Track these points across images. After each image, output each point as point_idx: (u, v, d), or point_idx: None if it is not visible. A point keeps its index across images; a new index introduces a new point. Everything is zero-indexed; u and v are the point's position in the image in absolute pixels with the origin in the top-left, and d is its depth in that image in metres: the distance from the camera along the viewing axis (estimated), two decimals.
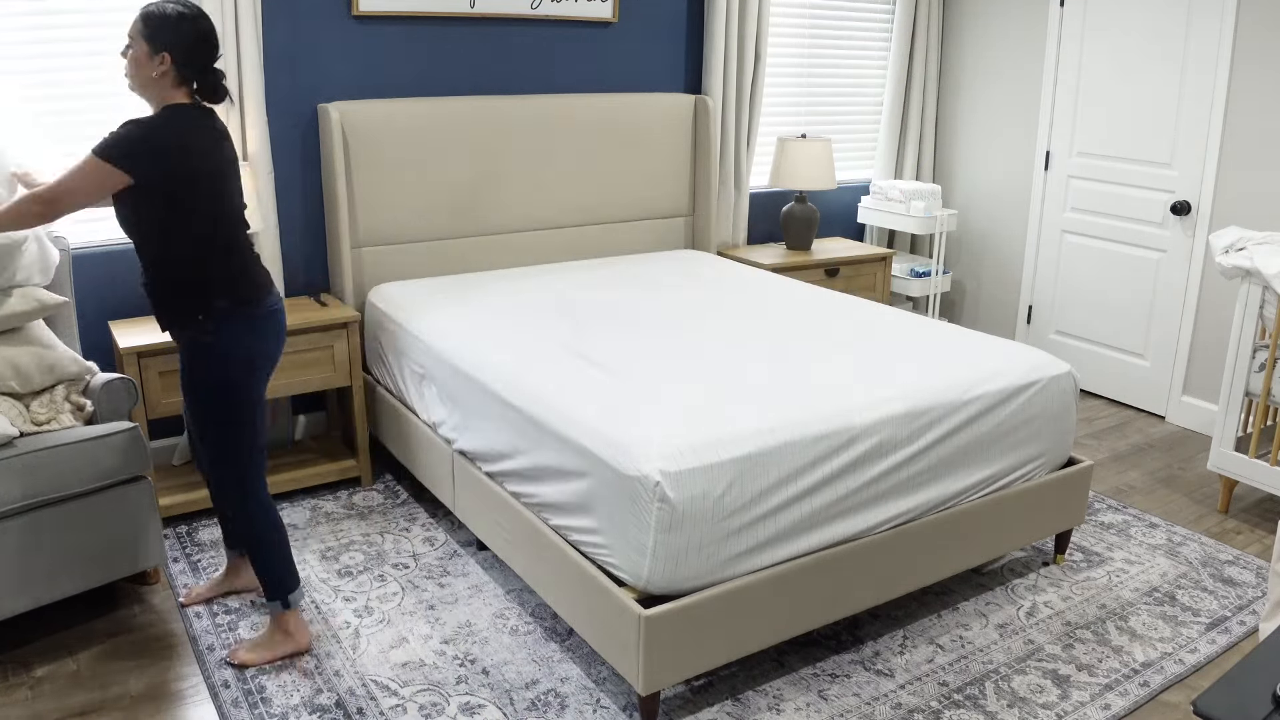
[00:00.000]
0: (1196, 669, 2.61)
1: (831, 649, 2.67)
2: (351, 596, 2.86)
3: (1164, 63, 4.21)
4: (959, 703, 2.45)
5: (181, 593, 2.85)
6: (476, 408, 2.81)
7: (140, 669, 2.53)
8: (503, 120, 3.85)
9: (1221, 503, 3.54)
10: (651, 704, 2.29)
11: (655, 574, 2.19)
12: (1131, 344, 4.50)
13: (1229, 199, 4.06)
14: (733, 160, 4.55)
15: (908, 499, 2.58)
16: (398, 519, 3.34)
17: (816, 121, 5.04)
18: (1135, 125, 4.35)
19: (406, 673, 2.52)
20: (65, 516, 2.51)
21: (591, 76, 4.18)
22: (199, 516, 3.33)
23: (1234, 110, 3.99)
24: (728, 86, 4.42)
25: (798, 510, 2.36)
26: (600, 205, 4.19)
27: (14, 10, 3.05)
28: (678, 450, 2.20)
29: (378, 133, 3.60)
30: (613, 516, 2.25)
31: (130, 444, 2.60)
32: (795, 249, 4.63)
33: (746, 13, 4.37)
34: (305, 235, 3.70)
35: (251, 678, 2.48)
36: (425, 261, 3.82)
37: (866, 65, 5.11)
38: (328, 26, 3.56)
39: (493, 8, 3.83)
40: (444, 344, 3.05)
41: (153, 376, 3.09)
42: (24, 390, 2.65)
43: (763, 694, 2.47)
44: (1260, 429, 3.39)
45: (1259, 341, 3.35)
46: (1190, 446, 4.13)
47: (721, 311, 3.34)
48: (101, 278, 3.36)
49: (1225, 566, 3.14)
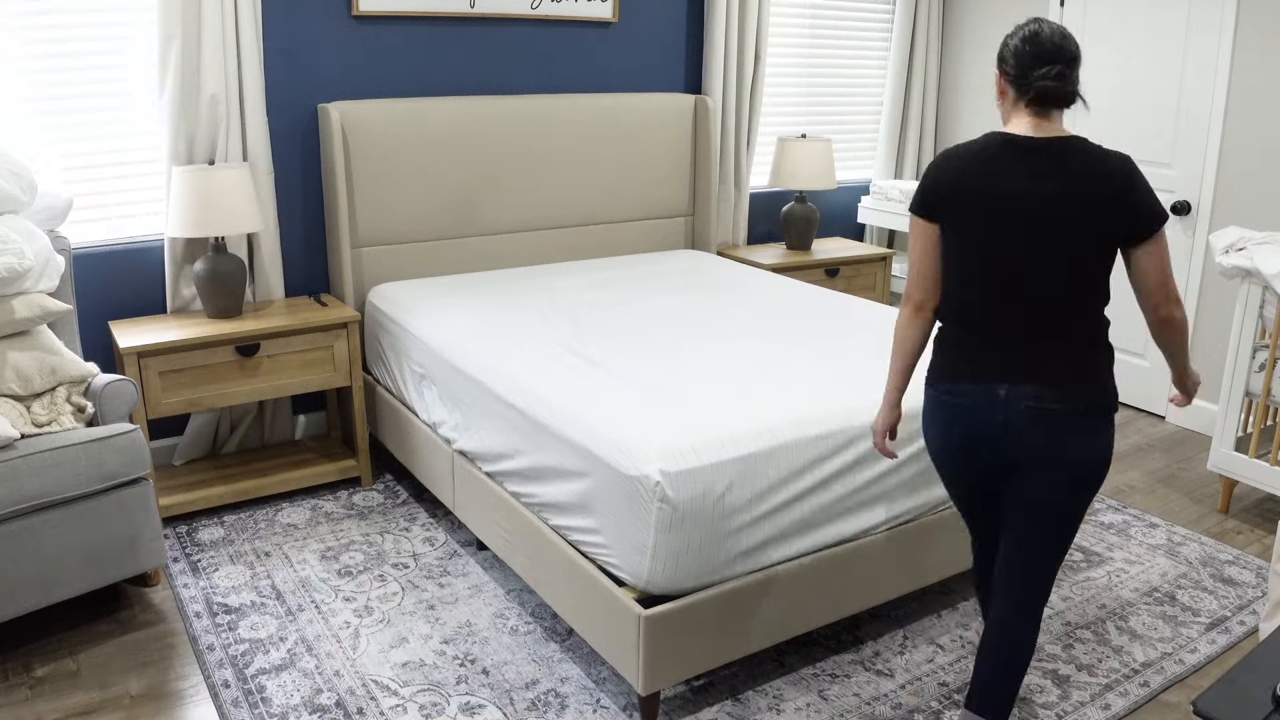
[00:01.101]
0: (1196, 669, 2.61)
1: (831, 649, 2.67)
2: (351, 596, 2.86)
3: (1164, 63, 4.21)
4: (959, 703, 2.45)
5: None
6: (477, 407, 2.81)
7: (140, 669, 2.53)
8: (503, 120, 3.85)
9: (1221, 503, 3.54)
10: (651, 704, 2.29)
11: (655, 574, 2.19)
12: (1131, 344, 4.50)
13: (1229, 199, 4.06)
14: (733, 160, 4.55)
15: (908, 499, 2.57)
16: (398, 519, 3.34)
17: (816, 121, 5.04)
18: (1135, 125, 4.35)
19: (406, 673, 2.52)
20: (66, 518, 2.51)
21: (591, 76, 4.18)
22: (199, 516, 3.34)
23: (1234, 110, 3.99)
24: (728, 86, 4.42)
25: (798, 510, 2.36)
26: (600, 205, 4.19)
27: (14, 10, 3.05)
28: (678, 450, 2.20)
29: (378, 133, 3.60)
30: (613, 516, 2.25)
31: (131, 446, 2.60)
32: (795, 249, 4.63)
33: (746, 13, 4.37)
34: (305, 235, 3.70)
35: (251, 678, 2.48)
36: (425, 261, 3.82)
37: (866, 65, 5.11)
38: (328, 26, 3.56)
39: (493, 8, 3.83)
40: (444, 344, 3.05)
41: (152, 377, 3.09)
42: (25, 392, 2.65)
43: (763, 694, 2.47)
44: (1260, 429, 3.39)
45: (1259, 341, 3.35)
46: (1190, 446, 4.13)
47: (722, 311, 3.34)
48: (102, 278, 3.36)
49: (1225, 566, 3.14)
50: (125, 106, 3.31)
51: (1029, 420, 1.92)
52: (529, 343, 2.96)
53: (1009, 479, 2.02)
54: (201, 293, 3.29)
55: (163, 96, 3.24)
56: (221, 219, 3.15)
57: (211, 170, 3.14)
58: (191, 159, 3.33)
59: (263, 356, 3.27)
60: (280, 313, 3.40)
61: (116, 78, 3.27)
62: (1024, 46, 1.92)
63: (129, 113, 3.32)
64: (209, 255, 3.26)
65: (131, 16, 3.24)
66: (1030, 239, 1.89)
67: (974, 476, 2.08)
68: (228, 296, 3.28)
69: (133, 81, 3.29)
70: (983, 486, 2.09)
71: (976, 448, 2.00)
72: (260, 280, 3.54)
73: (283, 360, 3.31)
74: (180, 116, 3.26)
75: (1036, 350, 1.94)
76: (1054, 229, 1.88)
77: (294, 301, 3.57)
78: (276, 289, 3.58)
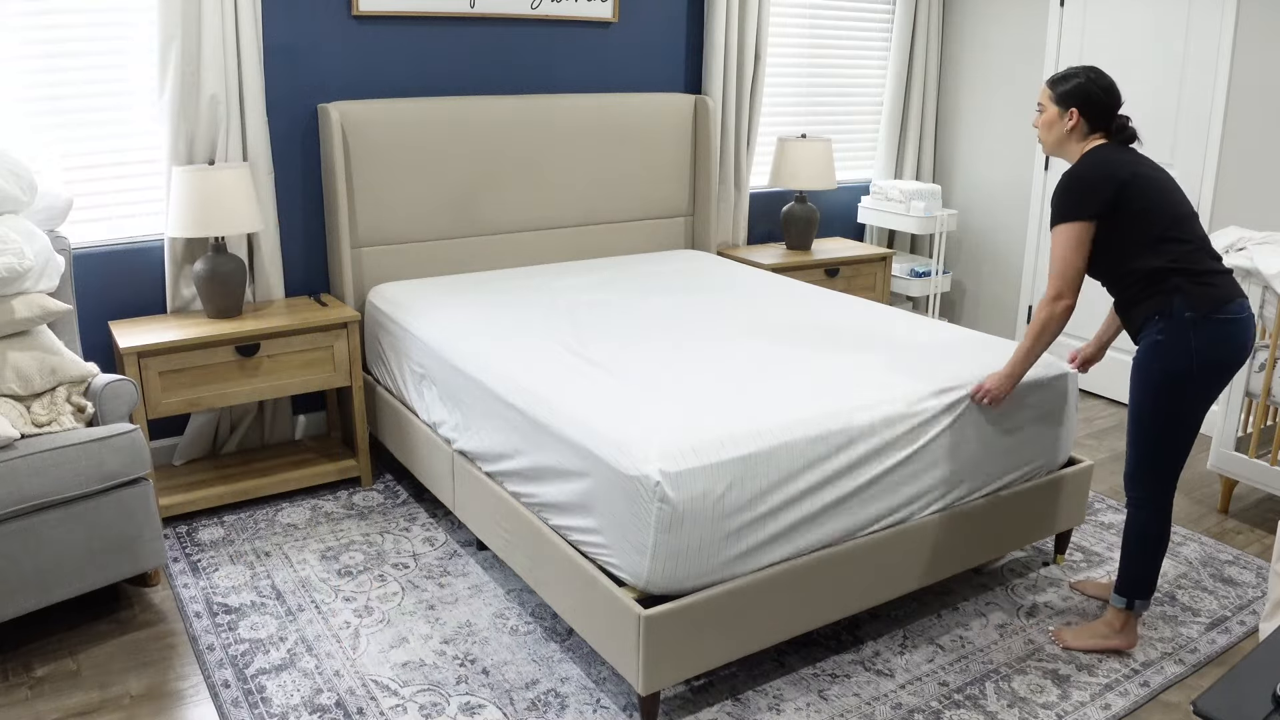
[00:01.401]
0: (1196, 669, 2.61)
1: (831, 649, 2.67)
2: (351, 596, 2.86)
3: (1164, 63, 4.21)
4: (959, 703, 2.45)
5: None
6: (477, 407, 2.81)
7: (140, 669, 2.53)
8: (503, 120, 3.85)
9: (1221, 503, 3.54)
10: (651, 704, 2.29)
11: (655, 574, 2.19)
12: (1132, 344, 4.50)
13: (1229, 199, 4.06)
14: (733, 160, 4.55)
15: (907, 499, 2.58)
16: (398, 519, 3.34)
17: (816, 121, 5.04)
18: (1135, 125, 4.35)
19: (406, 673, 2.52)
20: (66, 518, 2.51)
21: (591, 76, 4.18)
22: (199, 516, 3.34)
23: (1234, 110, 3.99)
24: (728, 86, 4.42)
25: (798, 510, 2.36)
26: (600, 205, 4.19)
27: (14, 10, 3.05)
28: (678, 450, 2.20)
29: (378, 133, 3.61)
30: (613, 516, 2.25)
31: (131, 446, 2.60)
32: (795, 249, 4.63)
33: (746, 13, 4.37)
34: (305, 235, 3.70)
35: (251, 678, 2.48)
36: (425, 261, 3.82)
37: (866, 65, 5.11)
38: (328, 26, 3.56)
39: (493, 7, 3.83)
40: (444, 344, 3.05)
41: (152, 376, 3.09)
42: (25, 392, 2.65)
43: (763, 694, 2.47)
44: (1260, 429, 3.39)
45: (1259, 341, 3.35)
46: None
47: (722, 312, 3.34)
48: (101, 278, 3.36)
49: (1225, 566, 3.14)
50: (125, 106, 3.31)
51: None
52: (529, 343, 2.96)
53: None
54: (201, 293, 3.29)
55: (163, 96, 3.24)
56: (221, 219, 3.15)
57: (211, 170, 3.14)
58: (191, 159, 3.33)
59: (263, 356, 3.27)
60: (280, 313, 3.40)
61: (116, 78, 3.27)
62: (1105, 97, 2.53)
63: (129, 113, 3.32)
64: (209, 255, 3.26)
65: (131, 16, 3.24)
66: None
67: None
68: (228, 296, 3.28)
69: (133, 81, 3.30)
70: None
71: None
72: (260, 280, 3.54)
73: (283, 360, 3.31)
74: (180, 116, 3.26)
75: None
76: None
77: (294, 301, 3.57)
78: (276, 289, 3.58)
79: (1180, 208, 2.47)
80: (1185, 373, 2.42)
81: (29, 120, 3.15)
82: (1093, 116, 2.52)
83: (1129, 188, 2.42)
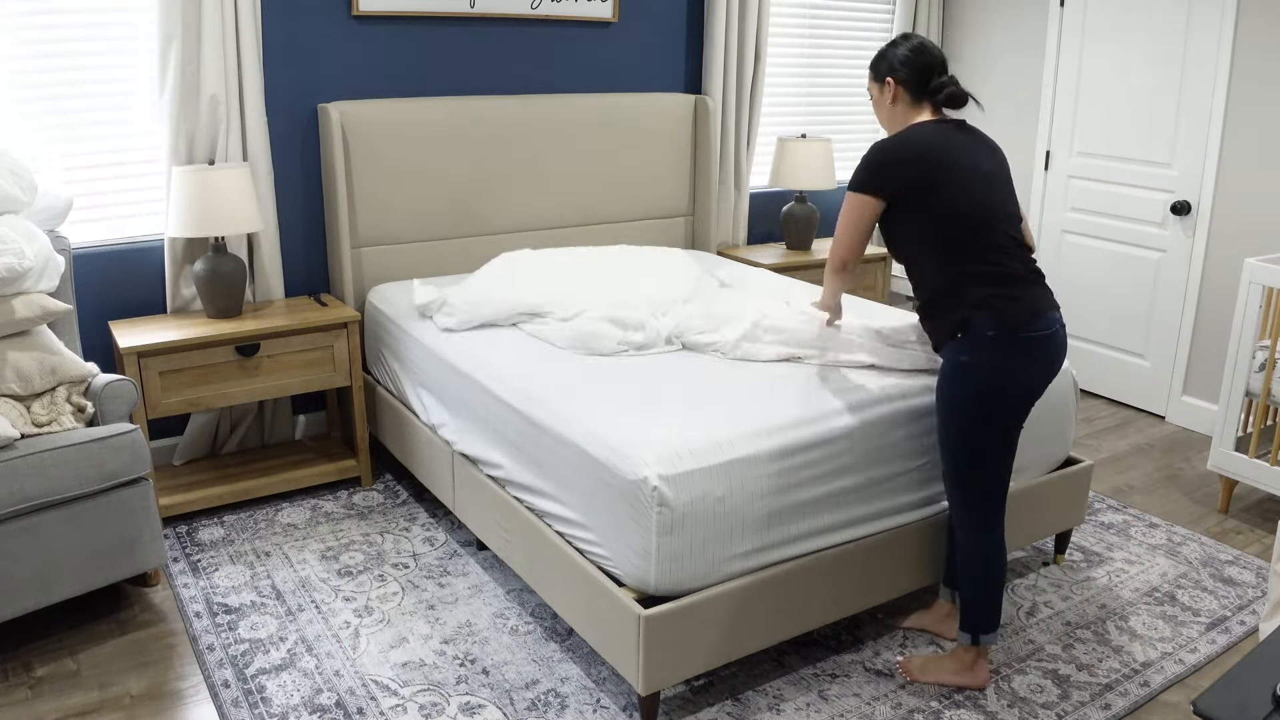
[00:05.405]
0: (1196, 669, 2.61)
1: (831, 649, 2.67)
2: (351, 596, 2.86)
3: (1164, 63, 4.21)
4: (959, 703, 2.45)
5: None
6: (476, 409, 2.81)
7: (140, 669, 2.53)
8: (503, 120, 3.85)
9: (1221, 503, 3.54)
10: (651, 704, 2.29)
11: (655, 576, 2.18)
12: (1131, 344, 4.50)
13: (1229, 199, 4.06)
14: (733, 160, 4.55)
15: (908, 499, 2.57)
16: (398, 519, 3.34)
17: (816, 121, 5.04)
18: (1135, 125, 4.35)
19: (406, 673, 2.52)
20: (66, 518, 2.51)
21: (591, 76, 4.18)
22: (199, 516, 3.34)
23: (1234, 110, 3.98)
24: (728, 86, 4.42)
25: (797, 510, 2.36)
26: (600, 205, 4.19)
27: (14, 10, 3.05)
28: (675, 453, 2.20)
29: (378, 133, 3.60)
30: (612, 520, 2.25)
31: (131, 446, 2.60)
32: (795, 249, 4.63)
33: (746, 13, 4.37)
34: (305, 235, 3.70)
35: (251, 678, 2.48)
36: (425, 261, 3.82)
37: (866, 65, 5.11)
38: (327, 26, 3.56)
39: (492, 8, 3.83)
40: (444, 345, 3.05)
41: (152, 376, 3.09)
42: (25, 392, 2.65)
43: (763, 694, 2.47)
44: (1260, 429, 3.39)
45: (1259, 341, 3.35)
46: (1190, 446, 4.13)
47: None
48: (101, 278, 3.36)
49: (1225, 566, 3.14)
50: (125, 106, 3.31)
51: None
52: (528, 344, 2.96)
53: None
54: (201, 293, 3.28)
55: (163, 96, 3.24)
56: (221, 219, 3.15)
57: (211, 170, 3.14)
58: (191, 159, 3.33)
59: (263, 356, 3.27)
60: (280, 313, 3.40)
61: (116, 78, 3.27)
62: (917, 57, 2.32)
63: (129, 113, 3.32)
64: (209, 255, 3.26)
65: (131, 16, 3.24)
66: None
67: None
68: (228, 296, 3.28)
69: (133, 81, 3.29)
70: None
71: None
72: (260, 280, 3.54)
73: (283, 360, 3.31)
74: (180, 116, 3.26)
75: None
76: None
77: (294, 301, 3.57)
78: (276, 289, 3.58)
79: (995, 206, 2.26)
80: (991, 396, 2.24)
81: (29, 120, 3.15)
82: (912, 83, 2.35)
83: (936, 175, 2.22)
